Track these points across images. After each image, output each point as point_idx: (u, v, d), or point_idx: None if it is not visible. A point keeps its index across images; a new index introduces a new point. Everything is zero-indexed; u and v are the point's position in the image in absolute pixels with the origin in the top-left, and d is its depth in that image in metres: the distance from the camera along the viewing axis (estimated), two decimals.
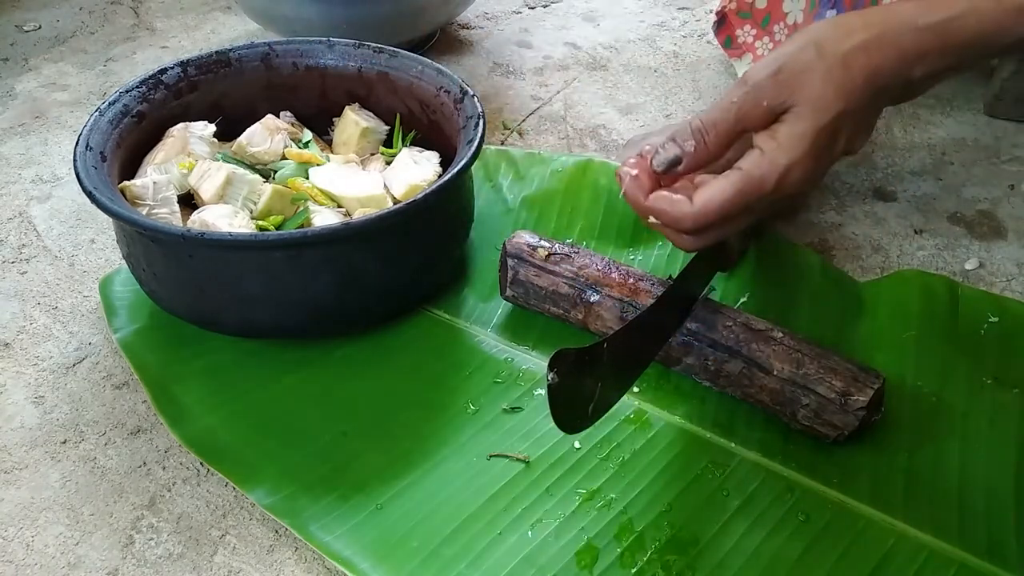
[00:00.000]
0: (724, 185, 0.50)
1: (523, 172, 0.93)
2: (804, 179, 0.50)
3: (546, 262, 0.74)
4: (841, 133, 0.50)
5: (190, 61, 0.83)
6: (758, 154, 0.50)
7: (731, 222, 0.52)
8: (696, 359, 0.69)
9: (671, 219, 0.52)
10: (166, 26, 1.30)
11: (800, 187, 0.50)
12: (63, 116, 1.10)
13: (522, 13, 1.32)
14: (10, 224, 0.93)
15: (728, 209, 0.51)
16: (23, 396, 0.74)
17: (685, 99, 1.11)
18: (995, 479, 0.64)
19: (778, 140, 0.49)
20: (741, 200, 0.50)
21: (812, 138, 0.49)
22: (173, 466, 0.68)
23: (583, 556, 0.60)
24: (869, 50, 0.50)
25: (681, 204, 0.52)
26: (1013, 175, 0.97)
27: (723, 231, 0.54)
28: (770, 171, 0.49)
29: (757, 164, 0.50)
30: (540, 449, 0.66)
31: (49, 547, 0.63)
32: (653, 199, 0.53)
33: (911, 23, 0.50)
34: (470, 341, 0.76)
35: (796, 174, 0.49)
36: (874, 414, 0.64)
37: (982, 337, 0.74)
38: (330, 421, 0.69)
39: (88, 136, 0.73)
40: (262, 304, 0.70)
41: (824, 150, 0.50)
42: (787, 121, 0.50)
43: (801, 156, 0.49)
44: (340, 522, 0.62)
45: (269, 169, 0.82)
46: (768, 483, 0.64)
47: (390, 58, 0.85)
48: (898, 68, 0.50)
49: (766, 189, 0.50)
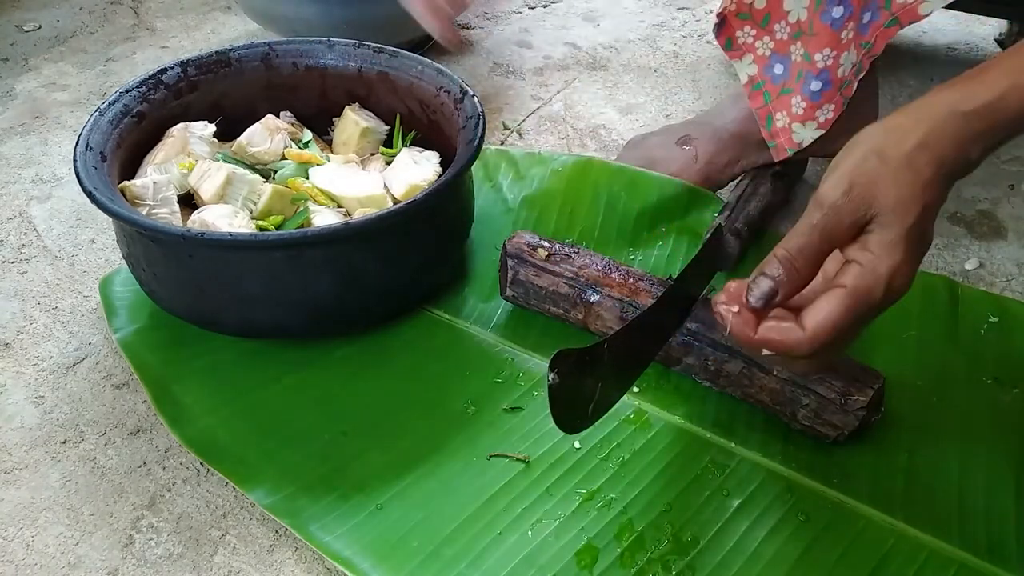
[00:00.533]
0: (833, 304, 0.50)
1: (523, 172, 0.93)
2: (908, 280, 0.51)
3: (546, 262, 0.74)
4: (929, 226, 0.51)
5: (190, 61, 0.83)
6: (858, 268, 0.50)
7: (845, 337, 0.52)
8: (696, 359, 0.69)
9: (786, 348, 0.52)
10: (166, 26, 1.30)
11: (906, 289, 0.51)
12: (63, 116, 1.10)
13: (522, 13, 1.32)
14: (10, 224, 0.93)
15: (841, 327, 0.50)
16: (23, 396, 0.74)
17: (685, 99, 1.11)
18: (995, 479, 0.64)
19: (873, 251, 0.50)
20: (852, 316, 0.50)
21: (905, 241, 0.50)
22: (173, 466, 0.68)
23: (583, 556, 0.60)
24: (928, 146, 0.50)
25: (793, 332, 0.51)
26: (1013, 175, 0.97)
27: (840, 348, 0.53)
28: (875, 282, 0.50)
29: (861, 276, 0.50)
30: (540, 449, 0.66)
31: (49, 547, 0.63)
32: (763, 331, 0.52)
33: (958, 111, 0.51)
34: (470, 341, 0.76)
35: (900, 279, 0.50)
36: (874, 414, 0.64)
37: (982, 337, 0.74)
38: (330, 421, 0.69)
39: (88, 136, 0.73)
40: (262, 304, 0.70)
41: (918, 247, 0.51)
42: (875, 231, 0.50)
43: (900, 261, 0.50)
44: (340, 522, 0.62)
45: (269, 169, 0.82)
46: (768, 483, 0.64)
47: (390, 58, 0.85)
48: (957, 154, 0.51)
49: (875, 300, 0.50)
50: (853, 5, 0.72)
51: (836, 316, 0.50)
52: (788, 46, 0.77)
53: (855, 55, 0.74)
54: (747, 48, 0.79)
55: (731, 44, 0.80)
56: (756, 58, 0.79)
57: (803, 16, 0.75)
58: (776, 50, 0.78)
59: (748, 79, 0.80)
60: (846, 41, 0.74)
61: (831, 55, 0.74)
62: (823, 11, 0.73)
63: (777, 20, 0.76)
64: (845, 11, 0.72)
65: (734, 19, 0.78)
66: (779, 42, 0.78)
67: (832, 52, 0.74)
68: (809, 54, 0.75)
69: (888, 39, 0.72)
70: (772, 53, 0.78)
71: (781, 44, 0.77)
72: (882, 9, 0.71)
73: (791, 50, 0.77)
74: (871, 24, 0.72)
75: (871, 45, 0.73)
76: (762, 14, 0.77)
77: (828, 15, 0.73)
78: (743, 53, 0.80)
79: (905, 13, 0.70)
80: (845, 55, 0.74)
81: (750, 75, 0.80)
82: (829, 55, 0.74)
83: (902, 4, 0.70)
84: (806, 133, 0.79)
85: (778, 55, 0.78)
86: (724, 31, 0.79)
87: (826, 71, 0.75)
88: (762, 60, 0.79)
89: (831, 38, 0.74)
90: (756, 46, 0.79)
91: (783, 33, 0.77)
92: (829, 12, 0.73)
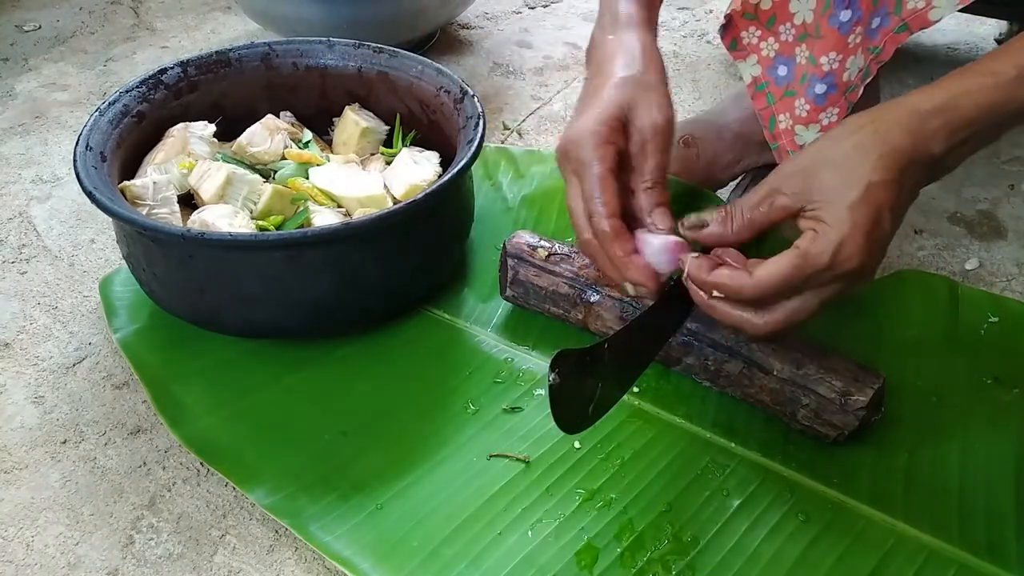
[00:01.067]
0: (780, 260, 0.55)
1: (523, 171, 0.93)
2: (859, 253, 0.54)
3: (546, 262, 0.74)
4: (883, 207, 0.55)
5: (190, 61, 0.83)
6: (811, 234, 0.55)
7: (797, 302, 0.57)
8: (696, 359, 0.69)
9: (731, 290, 0.57)
10: (166, 26, 1.30)
11: (858, 262, 0.54)
12: (63, 116, 1.10)
13: (522, 13, 1.32)
14: (10, 224, 0.93)
15: (786, 281, 0.55)
16: (23, 396, 0.74)
17: (685, 99, 1.11)
18: (995, 479, 0.64)
19: (826, 221, 0.55)
20: (798, 273, 0.55)
21: (851, 216, 0.54)
22: (173, 466, 0.68)
23: (583, 556, 0.60)
24: (878, 134, 0.55)
25: (742, 277, 0.56)
26: (1013, 175, 0.97)
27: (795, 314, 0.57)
28: (824, 247, 0.54)
29: (811, 241, 0.55)
30: (540, 449, 0.66)
31: (49, 547, 0.63)
32: (715, 275, 0.58)
33: (914, 109, 0.56)
34: (470, 341, 0.76)
35: (849, 247, 0.54)
36: (874, 414, 0.64)
37: (982, 337, 0.74)
38: (330, 421, 0.69)
39: (88, 136, 0.73)
40: (262, 304, 0.70)
41: (872, 223, 0.54)
42: (824, 207, 0.55)
43: (850, 230, 0.54)
44: (340, 522, 0.62)
45: (269, 169, 0.82)
46: (768, 483, 0.64)
47: (390, 58, 0.85)
48: (913, 146, 0.55)
49: (821, 262, 0.54)
50: (862, 9, 0.72)
51: (781, 269, 0.55)
52: (793, 48, 0.77)
53: (862, 59, 0.74)
54: (752, 49, 0.79)
55: (736, 44, 0.79)
56: (760, 59, 0.79)
57: (809, 19, 0.74)
58: (781, 52, 0.78)
59: (752, 80, 0.80)
60: (853, 45, 0.73)
61: (837, 59, 0.74)
62: (831, 14, 0.73)
63: (783, 22, 0.76)
64: (853, 15, 0.72)
65: (740, 19, 0.78)
66: (784, 44, 0.77)
67: (838, 56, 0.74)
68: (814, 57, 0.75)
69: (898, 44, 0.72)
70: (776, 55, 0.78)
71: (786, 46, 0.77)
72: (892, 14, 0.71)
73: (796, 52, 0.77)
74: (880, 29, 0.72)
75: (880, 50, 0.73)
76: (768, 15, 0.77)
77: (836, 18, 0.73)
78: (747, 54, 0.79)
79: (915, 19, 0.70)
80: (852, 59, 0.74)
81: (754, 76, 0.80)
82: (835, 58, 0.74)
83: (912, 9, 0.69)
84: (809, 136, 0.79)
85: (782, 57, 0.78)
86: (729, 31, 0.79)
87: (831, 74, 0.75)
88: (766, 61, 0.79)
89: (838, 41, 0.74)
90: (761, 47, 0.79)
91: (788, 35, 0.77)
92: (837, 16, 0.73)
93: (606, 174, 0.61)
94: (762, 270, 0.55)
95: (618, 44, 0.67)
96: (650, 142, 0.62)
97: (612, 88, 0.63)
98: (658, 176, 0.62)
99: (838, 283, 0.55)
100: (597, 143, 0.61)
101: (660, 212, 0.62)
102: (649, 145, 0.62)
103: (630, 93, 0.63)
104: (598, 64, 0.67)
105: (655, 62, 0.66)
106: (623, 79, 0.64)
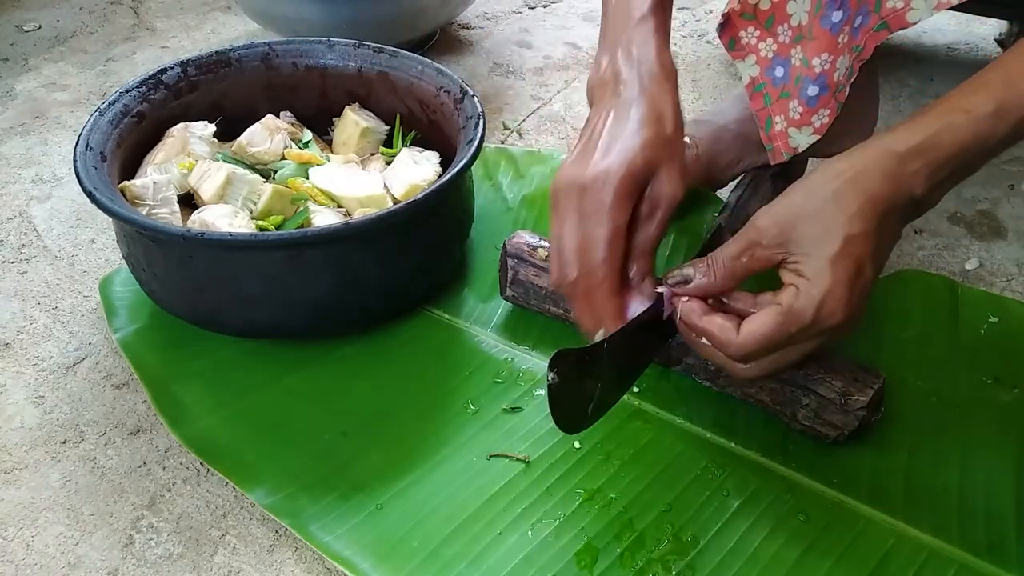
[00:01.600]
0: (765, 318, 0.55)
1: (523, 171, 0.93)
2: (842, 306, 0.54)
3: (546, 262, 0.74)
4: (864, 258, 0.54)
5: (190, 61, 0.83)
6: (793, 290, 0.55)
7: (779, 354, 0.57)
8: (696, 359, 0.69)
9: (718, 342, 0.57)
10: (166, 26, 1.30)
11: (842, 316, 0.54)
12: (63, 116, 1.10)
13: (522, 13, 1.32)
14: (10, 224, 0.93)
15: (770, 340, 0.55)
16: (23, 396, 0.74)
17: (685, 99, 1.11)
18: (995, 479, 0.64)
19: (807, 276, 0.54)
20: (782, 332, 0.55)
21: (831, 269, 0.53)
22: (173, 466, 0.68)
23: (583, 556, 0.60)
24: (856, 181, 0.54)
25: (728, 331, 0.56)
26: (1013, 175, 0.97)
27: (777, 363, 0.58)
28: (806, 304, 0.54)
29: (794, 297, 0.54)
30: (540, 449, 0.66)
31: (49, 547, 0.63)
32: (706, 320, 0.58)
33: (891, 151, 0.55)
34: (470, 341, 0.76)
35: (831, 304, 0.53)
36: (874, 414, 0.64)
37: (982, 337, 0.74)
38: (330, 421, 0.69)
39: (88, 136, 0.73)
40: (262, 304, 0.70)
41: (853, 276, 0.54)
42: (804, 260, 0.54)
43: (831, 286, 0.53)
44: (340, 522, 0.62)
45: (269, 169, 0.82)
46: (768, 483, 0.64)
47: (390, 58, 0.85)
48: (892, 191, 0.55)
49: (804, 320, 0.54)
50: (851, 9, 0.72)
51: (766, 328, 0.55)
52: (789, 49, 0.77)
53: (847, 59, 0.74)
54: (750, 49, 0.79)
55: (734, 44, 0.79)
56: (759, 59, 0.79)
57: (804, 20, 0.74)
58: (778, 52, 0.78)
59: (750, 80, 0.80)
60: (842, 46, 0.73)
61: (828, 59, 0.74)
62: (823, 15, 0.73)
63: (781, 23, 0.76)
64: (843, 15, 0.72)
65: (738, 19, 0.78)
66: (781, 45, 0.77)
67: (830, 57, 0.74)
68: (807, 58, 0.75)
69: (878, 43, 0.72)
70: (774, 55, 0.78)
71: (783, 47, 0.77)
72: (872, 12, 0.71)
73: (791, 54, 0.77)
74: (861, 28, 0.72)
75: (861, 49, 0.73)
76: (766, 15, 0.77)
77: (828, 19, 0.73)
78: (746, 54, 0.79)
79: (894, 19, 0.70)
80: (841, 59, 0.74)
81: (752, 76, 0.80)
82: (827, 60, 0.74)
83: (892, 9, 0.69)
84: (802, 138, 0.78)
85: (780, 58, 0.78)
86: (728, 31, 0.79)
87: (823, 75, 0.75)
88: (764, 62, 0.79)
89: (829, 42, 0.74)
90: (759, 47, 0.79)
91: (785, 36, 0.77)
92: (829, 16, 0.72)
93: (623, 228, 0.59)
94: (746, 328, 0.55)
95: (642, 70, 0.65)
96: (662, 211, 0.61)
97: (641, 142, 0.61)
98: (654, 246, 0.62)
99: (822, 336, 0.56)
100: (623, 194, 0.59)
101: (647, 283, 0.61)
102: (659, 214, 0.61)
103: (657, 156, 0.61)
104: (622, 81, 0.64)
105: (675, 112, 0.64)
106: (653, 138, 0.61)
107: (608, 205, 0.59)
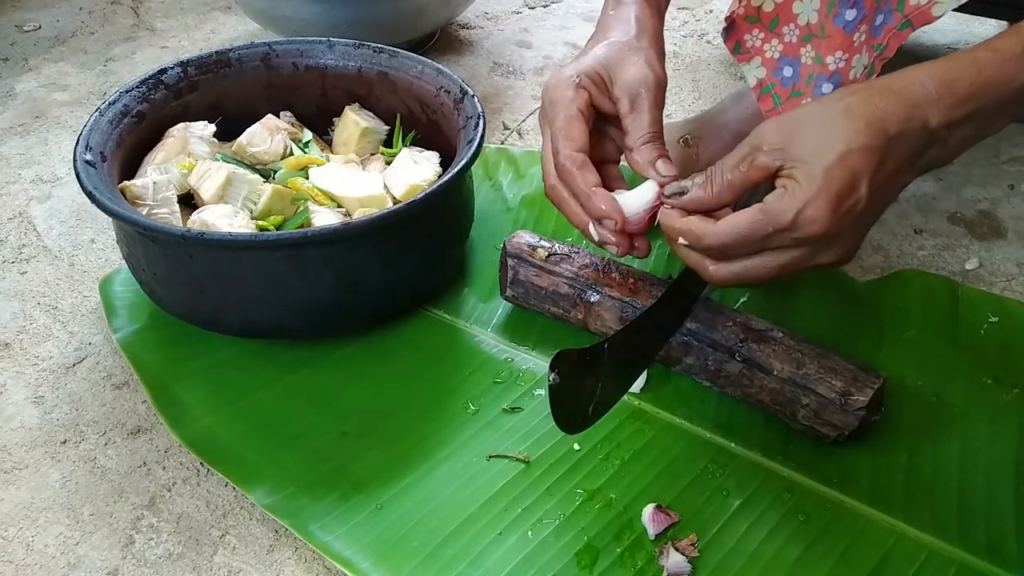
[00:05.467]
0: (745, 213, 0.55)
1: (523, 171, 0.93)
2: (824, 216, 0.53)
3: (546, 262, 0.74)
4: (861, 175, 0.53)
5: (190, 61, 0.83)
6: (780, 191, 0.54)
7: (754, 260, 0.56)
8: (696, 359, 0.69)
9: (693, 236, 0.57)
10: (166, 26, 1.30)
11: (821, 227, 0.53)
12: (63, 116, 1.10)
13: (522, 13, 1.32)
14: (10, 224, 0.93)
15: (747, 233, 0.54)
16: (23, 396, 0.74)
17: (685, 99, 1.11)
18: (995, 479, 0.64)
19: (797, 179, 0.53)
20: (759, 228, 0.54)
21: (823, 177, 0.52)
22: (173, 466, 0.68)
23: (583, 556, 0.60)
24: (870, 99, 0.53)
25: (707, 223, 0.56)
26: (1013, 175, 0.97)
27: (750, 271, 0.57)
28: (787, 206, 0.53)
29: (777, 198, 0.54)
30: (540, 449, 0.66)
31: (49, 547, 0.63)
32: (684, 220, 0.58)
33: (913, 77, 0.54)
34: (470, 341, 0.76)
35: (811, 211, 0.53)
36: (874, 414, 0.64)
37: (982, 337, 0.74)
38: (330, 421, 0.69)
39: (88, 136, 0.73)
40: (262, 304, 0.70)
41: (844, 189, 0.53)
42: (798, 166, 0.54)
43: (815, 194, 0.52)
44: (340, 522, 0.62)
45: (269, 169, 0.82)
46: (768, 483, 0.64)
47: (390, 58, 0.85)
48: (907, 114, 0.53)
49: (783, 221, 0.53)
50: (866, 8, 0.72)
51: (744, 221, 0.54)
52: (798, 48, 0.77)
53: (867, 57, 0.74)
54: (755, 51, 0.79)
55: (739, 48, 0.79)
56: (764, 61, 0.79)
57: (813, 19, 0.75)
58: (785, 52, 0.78)
59: (757, 82, 0.80)
60: (858, 44, 0.73)
61: (843, 58, 0.74)
62: (836, 14, 0.73)
63: (786, 23, 0.76)
64: (858, 14, 0.72)
65: (742, 23, 0.78)
66: (788, 44, 0.77)
67: (844, 55, 0.74)
68: (821, 56, 0.75)
69: (901, 41, 0.72)
70: (781, 55, 0.78)
71: (790, 47, 0.77)
72: (895, 11, 0.71)
73: (801, 52, 0.77)
74: (883, 26, 0.72)
75: (883, 47, 0.73)
76: (770, 17, 0.77)
77: (841, 18, 0.73)
78: (751, 56, 0.79)
79: (918, 15, 0.70)
80: (857, 58, 0.74)
81: (759, 78, 0.80)
82: (841, 57, 0.74)
83: (915, 6, 0.69)
84: None
85: (787, 57, 0.78)
86: (732, 35, 0.79)
87: (838, 73, 0.75)
88: (771, 63, 0.79)
89: (844, 41, 0.74)
90: (764, 49, 0.79)
91: (792, 36, 0.77)
92: (842, 15, 0.73)
93: (574, 113, 0.60)
94: (725, 220, 0.55)
95: (615, 17, 0.66)
96: (642, 98, 0.61)
97: (597, 47, 0.63)
98: (656, 129, 0.61)
99: (800, 248, 0.54)
100: (568, 87, 0.61)
101: (663, 162, 0.60)
102: (643, 101, 0.61)
103: (615, 53, 0.62)
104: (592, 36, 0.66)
105: (648, 32, 0.65)
106: (611, 42, 0.63)
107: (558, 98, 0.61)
